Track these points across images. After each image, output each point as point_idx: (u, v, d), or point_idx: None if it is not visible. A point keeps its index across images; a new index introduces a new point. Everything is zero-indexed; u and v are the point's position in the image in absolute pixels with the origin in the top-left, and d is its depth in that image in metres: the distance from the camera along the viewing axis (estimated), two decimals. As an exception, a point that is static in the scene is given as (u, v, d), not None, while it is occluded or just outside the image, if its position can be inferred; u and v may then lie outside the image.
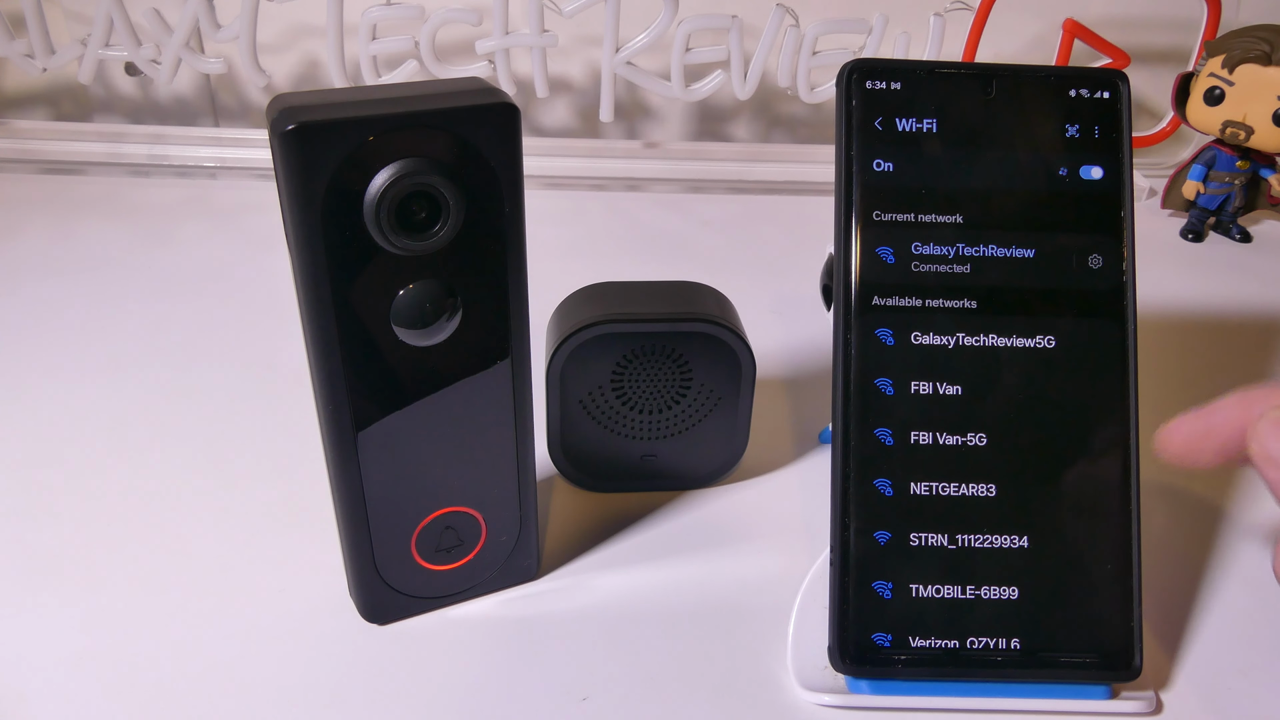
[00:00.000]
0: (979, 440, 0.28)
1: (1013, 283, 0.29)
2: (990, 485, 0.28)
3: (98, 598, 0.31)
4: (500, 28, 0.61)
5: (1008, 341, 0.29)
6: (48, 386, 0.42)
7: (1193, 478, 0.38)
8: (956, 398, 0.28)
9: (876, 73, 0.29)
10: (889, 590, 0.28)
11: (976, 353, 0.29)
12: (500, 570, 0.31)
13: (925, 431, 0.28)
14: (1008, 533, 0.28)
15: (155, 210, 0.61)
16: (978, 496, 0.28)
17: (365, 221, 0.24)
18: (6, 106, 0.72)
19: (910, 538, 0.28)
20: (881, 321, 0.28)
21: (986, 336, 0.29)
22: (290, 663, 0.29)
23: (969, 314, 0.29)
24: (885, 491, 0.28)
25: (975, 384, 0.28)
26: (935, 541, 0.28)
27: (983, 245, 0.29)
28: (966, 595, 0.28)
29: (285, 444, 0.39)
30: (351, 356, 0.25)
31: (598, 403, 0.34)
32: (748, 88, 0.64)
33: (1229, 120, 0.57)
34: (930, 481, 0.28)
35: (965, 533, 0.28)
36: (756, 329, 0.37)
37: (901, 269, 0.29)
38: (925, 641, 0.27)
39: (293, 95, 0.23)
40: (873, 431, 0.28)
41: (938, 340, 0.28)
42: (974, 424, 0.28)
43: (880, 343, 0.28)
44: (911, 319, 0.29)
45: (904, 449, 0.28)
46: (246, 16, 0.61)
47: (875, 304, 0.29)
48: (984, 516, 0.28)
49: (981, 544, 0.28)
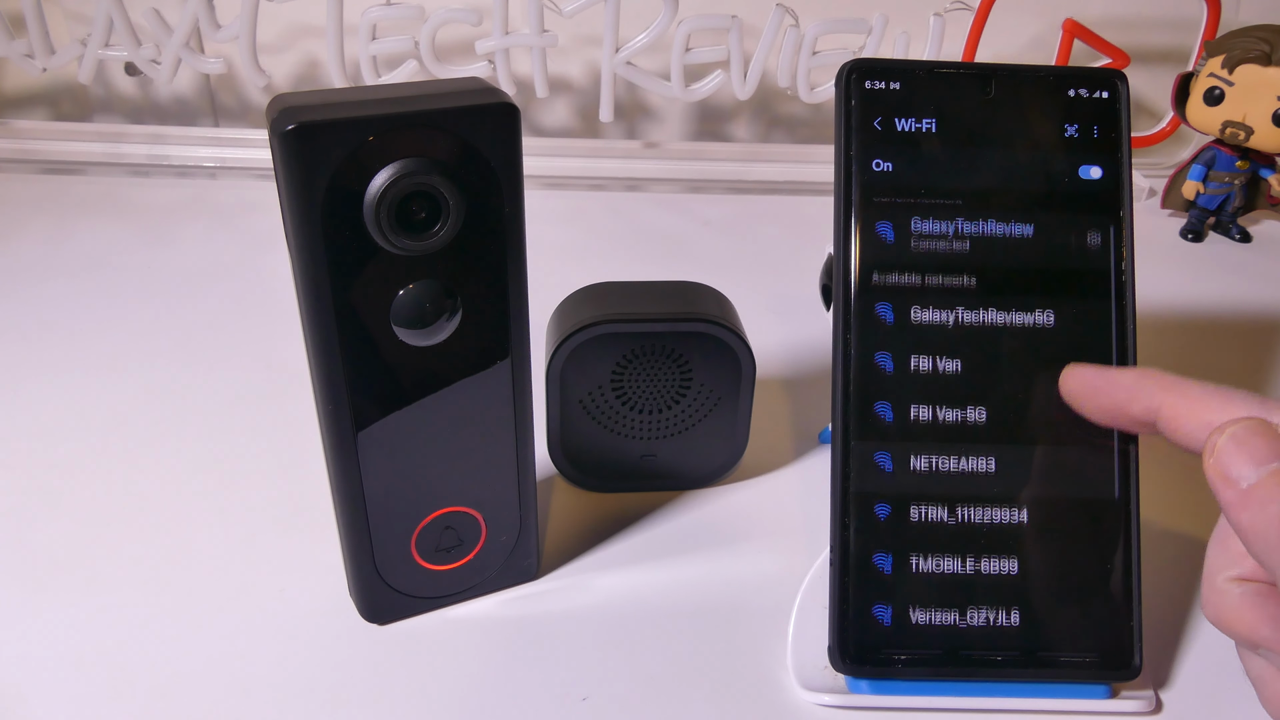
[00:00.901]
0: (979, 415, 0.28)
1: (1013, 264, 0.29)
2: (990, 459, 0.28)
3: (98, 598, 0.31)
4: (500, 28, 0.61)
5: (1008, 342, 0.29)
6: (48, 386, 0.42)
7: (1192, 479, 0.38)
8: (956, 374, 0.28)
9: (876, 73, 0.29)
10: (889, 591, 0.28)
11: (976, 352, 0.29)
12: (500, 570, 0.31)
13: (925, 406, 0.28)
14: (1006, 506, 0.28)
15: (155, 210, 0.61)
16: (977, 472, 0.28)
17: (365, 221, 0.24)
18: (6, 106, 0.72)
19: (910, 511, 0.28)
20: (881, 298, 0.29)
21: (986, 336, 0.29)
22: (290, 663, 0.29)
23: (969, 313, 0.29)
24: (886, 416, 0.28)
25: (975, 361, 0.28)
26: (935, 516, 0.28)
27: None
28: (967, 570, 0.27)
29: (285, 444, 0.39)
30: (351, 356, 0.25)
31: (598, 403, 0.34)
32: (748, 88, 0.64)
33: (1229, 120, 0.57)
34: (929, 455, 0.28)
35: (965, 505, 0.28)
36: (756, 329, 0.37)
37: (901, 247, 0.29)
38: (925, 641, 0.27)
39: (293, 95, 0.23)
40: (873, 407, 0.28)
41: (938, 317, 0.29)
42: (974, 399, 0.28)
43: (880, 320, 0.28)
44: (911, 297, 0.29)
45: (903, 424, 0.28)
46: (246, 16, 0.61)
47: (875, 282, 0.29)
48: (983, 491, 0.28)
49: (981, 519, 0.28)
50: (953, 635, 0.27)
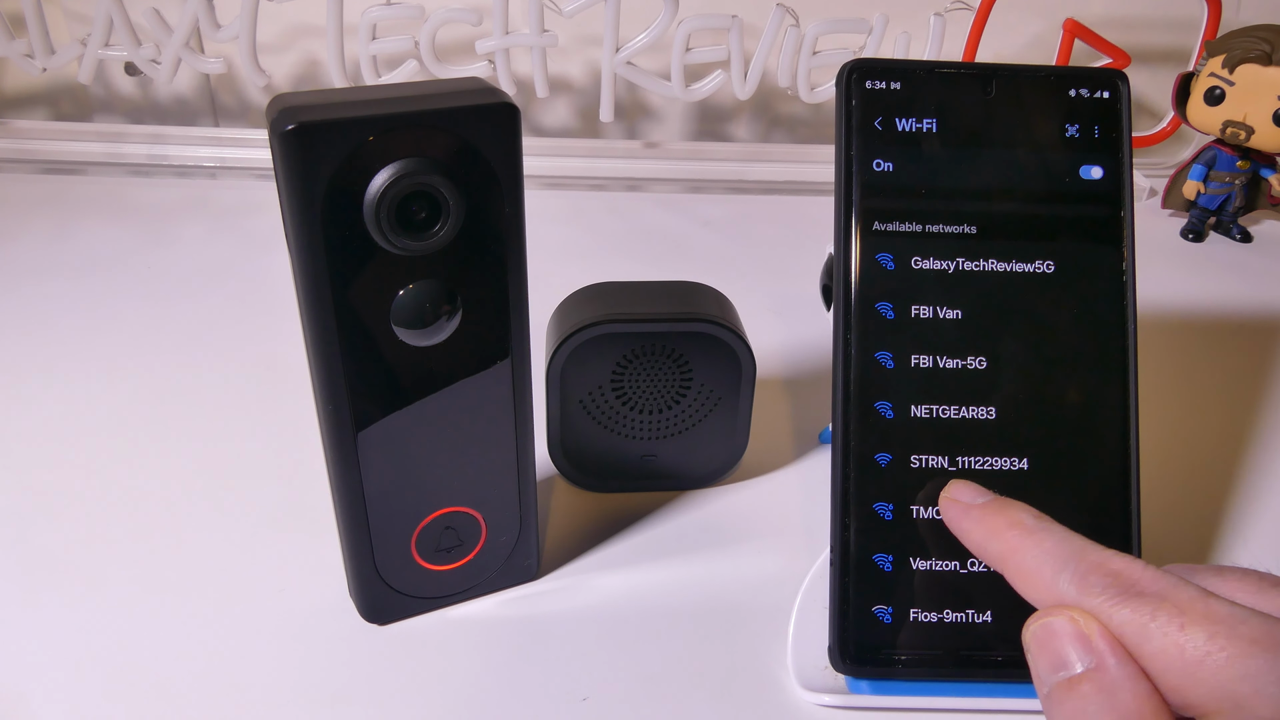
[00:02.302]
0: (980, 414, 0.28)
1: (1012, 282, 0.29)
2: (990, 409, 0.28)
3: (98, 598, 0.31)
4: (500, 28, 0.61)
5: (1009, 342, 0.29)
6: (48, 386, 0.42)
7: (1192, 478, 0.38)
8: (956, 372, 0.28)
9: (876, 73, 0.29)
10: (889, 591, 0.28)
11: (979, 359, 0.29)
12: (500, 570, 0.31)
13: (925, 406, 0.28)
14: (1007, 455, 0.28)
15: (155, 210, 0.61)
16: (979, 471, 0.28)
17: (365, 221, 0.24)
18: (6, 106, 0.72)
19: (911, 459, 0.28)
20: (882, 246, 0.29)
21: (987, 339, 0.29)
22: (290, 663, 0.29)
23: (969, 315, 0.29)
24: (886, 414, 0.28)
25: (976, 389, 0.28)
26: (935, 464, 0.28)
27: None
28: (967, 570, 0.27)
29: (285, 444, 0.39)
30: (351, 356, 0.25)
31: (598, 403, 0.34)
32: (748, 88, 0.64)
33: (1229, 120, 0.57)
34: (930, 455, 0.28)
35: (965, 455, 0.28)
36: (756, 329, 0.37)
37: (902, 269, 0.29)
38: (925, 641, 0.27)
39: (293, 95, 0.23)
40: (873, 405, 0.28)
41: (938, 265, 0.29)
42: (975, 398, 0.28)
43: (881, 267, 0.28)
44: (911, 244, 0.29)
45: (904, 422, 0.28)
46: (246, 16, 0.61)
47: (876, 229, 0.29)
48: (984, 440, 0.28)
49: (981, 466, 0.28)
50: (953, 635, 0.27)
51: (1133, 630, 0.19)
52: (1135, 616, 0.19)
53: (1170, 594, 0.20)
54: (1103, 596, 0.20)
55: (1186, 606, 0.19)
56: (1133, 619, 0.19)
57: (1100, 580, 0.20)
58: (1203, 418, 0.43)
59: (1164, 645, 0.19)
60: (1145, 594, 0.20)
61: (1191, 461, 0.39)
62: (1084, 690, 0.20)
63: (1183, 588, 0.20)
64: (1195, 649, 0.19)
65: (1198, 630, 0.19)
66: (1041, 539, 0.22)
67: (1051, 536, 0.22)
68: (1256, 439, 0.41)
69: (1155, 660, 0.19)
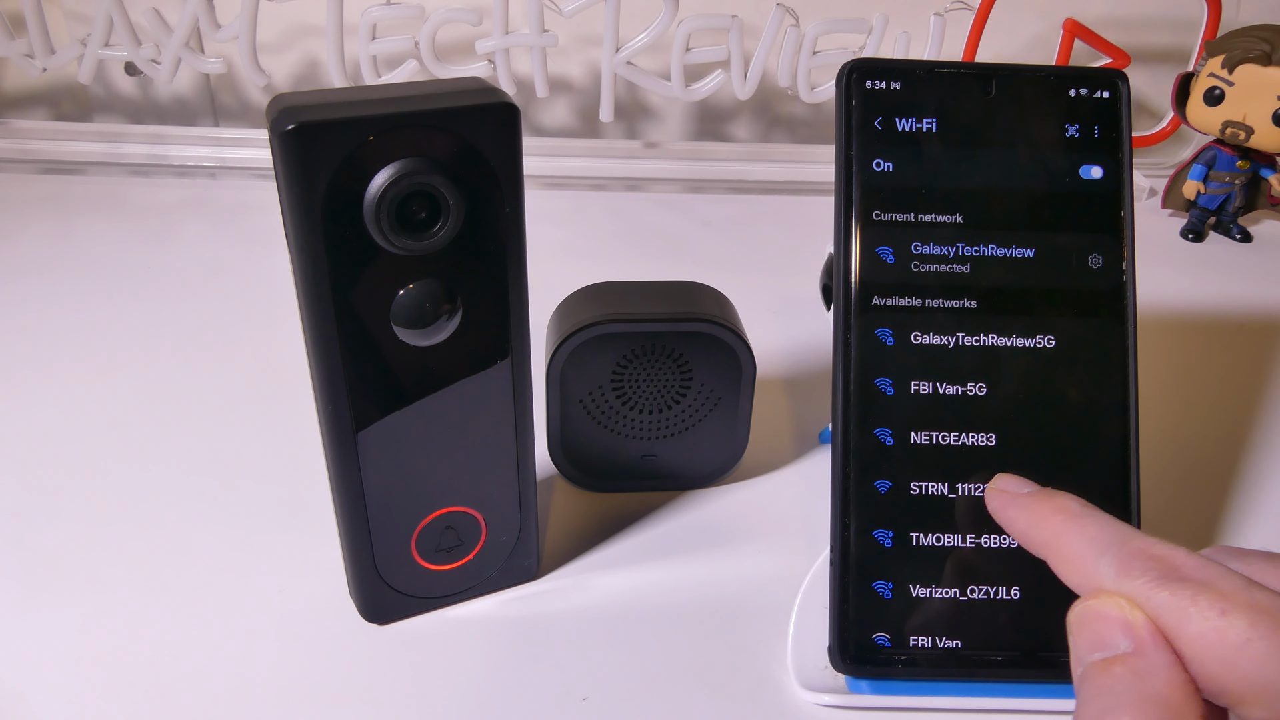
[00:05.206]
0: (988, 441, 0.28)
1: (1013, 283, 0.29)
2: (990, 435, 0.28)
3: (98, 598, 0.31)
4: (500, 27, 0.61)
5: (1008, 341, 0.29)
6: (47, 386, 0.42)
7: (1192, 478, 0.38)
8: (956, 397, 0.28)
9: (876, 72, 0.29)
10: (889, 590, 0.28)
11: (977, 352, 0.29)
12: (500, 570, 0.31)
13: (926, 432, 0.28)
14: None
15: (155, 210, 0.61)
16: (978, 446, 0.28)
17: (365, 221, 0.24)
18: (6, 106, 0.72)
19: (911, 537, 0.28)
20: (881, 321, 0.29)
21: (987, 336, 0.29)
22: (290, 663, 0.29)
23: (969, 314, 0.29)
24: (884, 491, 0.28)
25: (975, 384, 0.28)
26: (937, 541, 0.28)
27: (982, 245, 0.29)
28: (966, 596, 0.28)
29: (285, 444, 0.39)
30: (351, 356, 0.25)
31: (598, 402, 0.34)
32: (748, 88, 0.64)
33: (1229, 120, 0.57)
34: (930, 481, 0.28)
35: (967, 533, 0.28)
36: (756, 329, 0.37)
37: (901, 268, 0.29)
38: (925, 641, 0.27)
39: (292, 95, 0.23)
40: (873, 431, 0.28)
41: (938, 340, 0.28)
42: (976, 424, 0.28)
43: (880, 342, 0.28)
44: (911, 319, 0.29)
45: (904, 449, 0.28)
46: (246, 16, 0.61)
47: (875, 304, 0.29)
48: (984, 465, 0.28)
49: (984, 541, 0.28)
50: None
51: (1172, 614, 0.19)
52: (1175, 600, 0.19)
53: (1214, 581, 0.19)
54: (1143, 579, 0.20)
55: (1230, 593, 0.19)
56: (1172, 602, 0.19)
57: (1142, 564, 0.20)
58: (1202, 417, 0.43)
59: (1203, 629, 0.19)
60: (1188, 580, 0.19)
61: (1191, 461, 0.39)
62: (1117, 671, 0.19)
63: (1227, 576, 0.19)
64: (1236, 635, 0.18)
65: (1240, 617, 0.18)
66: (1086, 525, 0.22)
67: (1096, 523, 0.22)
68: (1256, 439, 0.41)
69: (1193, 644, 0.19)
